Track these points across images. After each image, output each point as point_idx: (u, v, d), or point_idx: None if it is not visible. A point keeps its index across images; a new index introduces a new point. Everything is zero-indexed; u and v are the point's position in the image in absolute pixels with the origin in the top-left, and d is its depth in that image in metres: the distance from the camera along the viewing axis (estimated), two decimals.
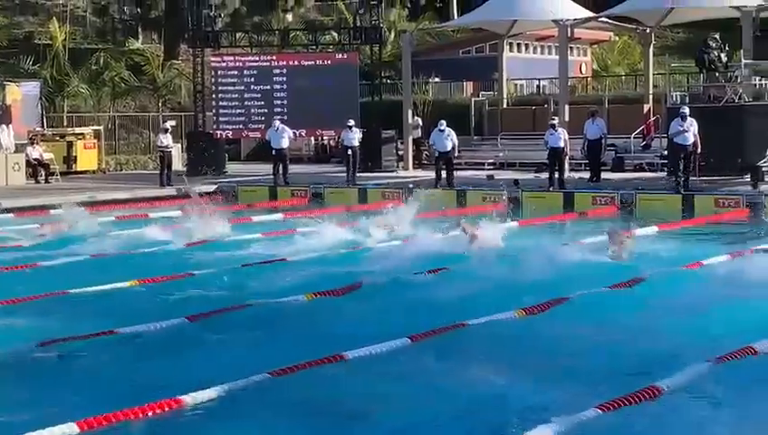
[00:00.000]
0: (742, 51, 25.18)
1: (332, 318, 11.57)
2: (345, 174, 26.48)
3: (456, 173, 25.69)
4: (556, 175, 23.95)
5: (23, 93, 31.70)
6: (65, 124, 34.31)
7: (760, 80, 27.34)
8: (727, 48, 26.10)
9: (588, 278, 13.00)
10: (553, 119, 24.61)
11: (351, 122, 26.72)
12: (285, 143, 26.45)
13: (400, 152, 31.02)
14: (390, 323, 10.94)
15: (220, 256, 15.59)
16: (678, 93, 27.48)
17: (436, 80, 39.24)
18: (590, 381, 8.79)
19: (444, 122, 25.08)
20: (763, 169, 22.74)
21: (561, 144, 23.94)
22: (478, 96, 36.93)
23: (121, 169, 32.79)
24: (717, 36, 26.37)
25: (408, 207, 18.37)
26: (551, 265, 13.81)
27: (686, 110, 22.19)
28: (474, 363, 9.57)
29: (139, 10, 43.31)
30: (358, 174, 26.82)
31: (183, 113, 36.31)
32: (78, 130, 32.24)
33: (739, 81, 24.81)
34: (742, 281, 13.01)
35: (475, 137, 33.46)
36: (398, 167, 30.53)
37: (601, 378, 8.89)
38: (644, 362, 9.49)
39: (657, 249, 15.63)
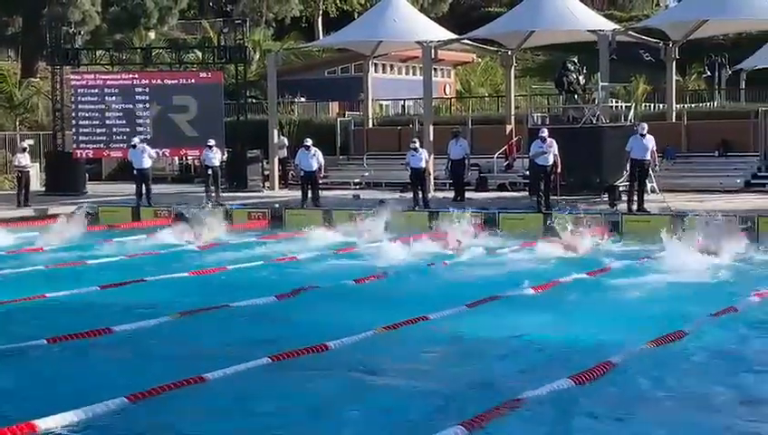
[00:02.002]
0: (599, 73, 25.91)
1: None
2: (205, 194, 26.08)
3: (323, 193, 25.67)
4: (420, 195, 24.15)
5: None
6: None
7: (616, 102, 28.25)
8: (585, 70, 26.83)
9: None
10: (414, 141, 24.81)
11: (212, 142, 26.40)
12: (147, 163, 25.95)
13: (266, 172, 30.82)
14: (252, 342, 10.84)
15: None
16: (539, 114, 28.10)
17: (302, 99, 39.23)
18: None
19: (309, 141, 25.01)
20: (620, 188, 23.39)
21: (423, 165, 24.18)
22: (344, 116, 37.05)
23: None
24: (576, 59, 27.11)
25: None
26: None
27: (545, 132, 22.71)
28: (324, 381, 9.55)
29: None
30: (223, 194, 26.51)
31: (41, 132, 35.29)
32: None
33: (597, 102, 25.51)
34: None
35: (341, 157, 33.53)
36: (264, 187, 30.31)
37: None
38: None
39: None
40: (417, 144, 24.65)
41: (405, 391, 9.13)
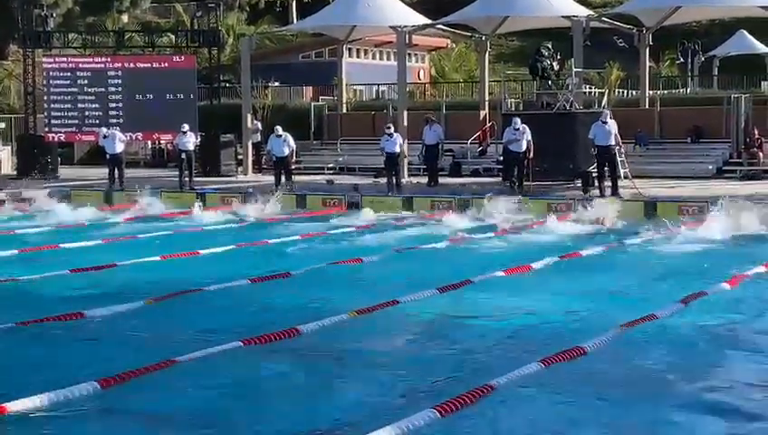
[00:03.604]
0: (573, 59, 25.98)
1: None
2: (178, 178, 25.98)
3: (296, 178, 25.64)
4: (394, 180, 24.19)
5: None
6: None
7: (590, 88, 28.33)
8: (559, 56, 26.89)
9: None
10: (389, 127, 24.80)
11: (186, 127, 26.27)
12: (120, 148, 25.87)
13: (240, 157, 30.73)
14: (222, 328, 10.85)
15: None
16: (513, 100, 28.13)
17: (276, 84, 39.09)
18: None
19: (280, 128, 25.01)
20: (593, 174, 23.50)
21: (397, 149, 24.20)
22: (318, 101, 36.95)
23: None
24: (550, 45, 27.16)
25: None
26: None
27: (518, 120, 22.79)
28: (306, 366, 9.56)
29: None
30: (196, 178, 26.43)
31: (13, 115, 35.02)
32: None
33: (570, 89, 25.58)
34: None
35: (315, 142, 33.46)
36: (237, 171, 30.22)
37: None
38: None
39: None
40: (392, 129, 24.65)
41: None
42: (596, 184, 22.76)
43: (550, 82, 26.60)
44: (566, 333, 10.64)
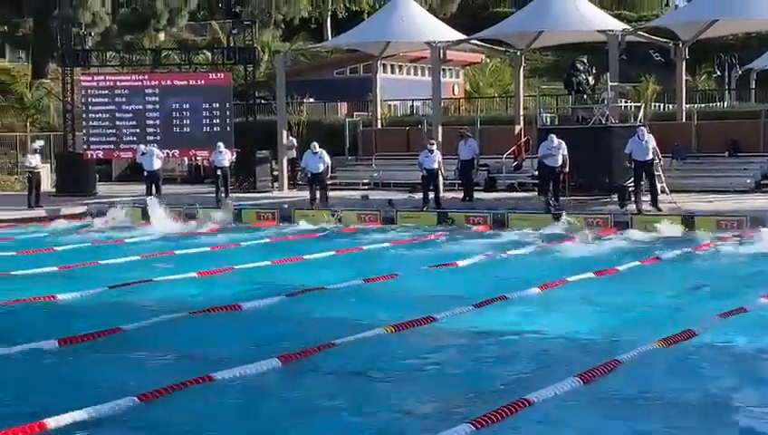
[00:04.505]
0: (608, 74, 25.88)
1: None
2: (215, 194, 26.13)
3: (331, 193, 25.72)
4: (431, 195, 24.11)
5: None
6: None
7: (626, 102, 28.19)
8: (594, 71, 26.80)
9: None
10: (432, 143, 24.84)
11: (221, 145, 26.50)
12: (157, 164, 26.11)
13: (275, 172, 30.87)
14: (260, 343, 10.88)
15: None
16: (548, 115, 28.06)
17: (311, 100, 39.25)
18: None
19: (316, 145, 25.08)
20: (630, 189, 23.38)
21: (435, 166, 24.19)
22: (352, 117, 37.06)
23: None
24: (585, 59, 27.08)
25: None
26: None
27: (554, 136, 22.68)
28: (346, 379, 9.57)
29: (5, 28, 42.12)
30: (232, 194, 26.54)
31: (52, 133, 35.41)
32: None
33: (606, 103, 25.48)
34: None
35: (350, 157, 33.55)
36: (272, 187, 30.36)
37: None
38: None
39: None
40: (434, 146, 24.67)
41: None
42: (632, 198, 22.62)
43: (585, 97, 26.52)
44: (604, 348, 10.58)
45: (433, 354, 10.72)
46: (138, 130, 29.46)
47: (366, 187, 30.47)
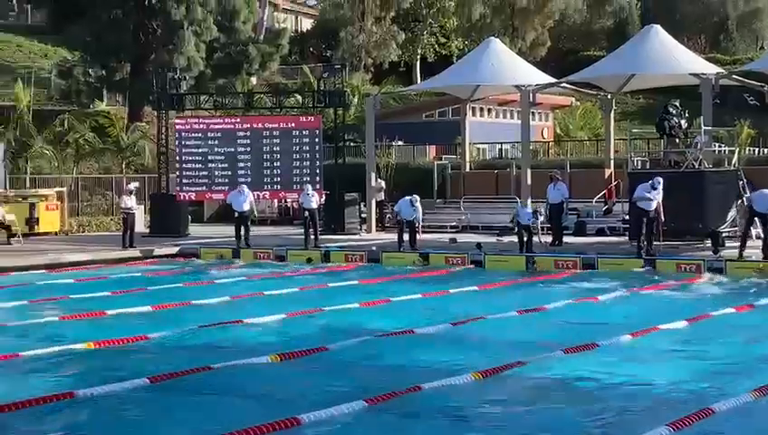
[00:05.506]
0: (702, 117, 25.51)
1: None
2: (304, 236, 26.34)
3: (419, 236, 25.73)
4: (525, 238, 23.85)
5: None
6: (28, 185, 34.07)
7: (719, 146, 27.71)
8: (687, 114, 26.45)
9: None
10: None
11: (309, 186, 26.80)
12: (247, 206, 26.43)
13: (363, 215, 31.03)
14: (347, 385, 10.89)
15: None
16: (639, 159, 27.70)
17: (400, 143, 39.45)
18: None
19: (417, 198, 25.12)
20: (724, 234, 22.92)
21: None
22: (441, 159, 37.14)
23: (84, 231, 32.49)
24: (677, 102, 26.72)
25: None
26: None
27: (661, 180, 22.25)
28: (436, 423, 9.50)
29: (104, 72, 43.31)
30: (321, 236, 26.74)
31: (146, 175, 36.18)
32: (41, 191, 32.02)
33: (699, 147, 25.09)
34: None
35: (438, 200, 33.57)
36: (361, 229, 30.52)
37: None
38: None
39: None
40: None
41: None
42: (722, 243, 22.12)
43: (677, 141, 26.13)
44: (696, 396, 10.34)
45: (520, 400, 10.59)
46: (229, 173, 29.89)
47: (454, 230, 30.43)
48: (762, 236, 21.60)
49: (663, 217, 22.44)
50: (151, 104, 37.28)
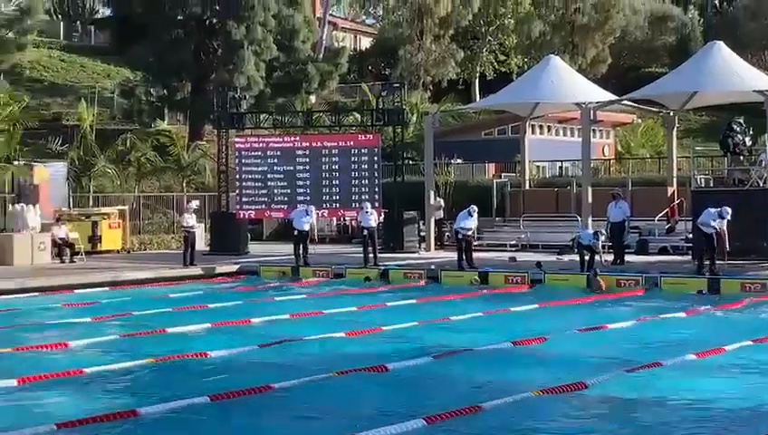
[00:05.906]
0: (766, 135, 25.09)
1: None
2: (363, 254, 26.33)
3: (478, 255, 25.59)
4: (587, 257, 23.60)
5: (50, 174, 31.86)
6: (91, 204, 34.52)
7: None
8: (752, 132, 26.04)
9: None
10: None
11: (367, 204, 26.82)
12: (308, 226, 26.48)
13: (422, 233, 30.95)
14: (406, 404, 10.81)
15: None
16: (702, 177, 27.31)
17: (459, 161, 39.36)
18: None
19: (475, 208, 25.23)
20: None
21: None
22: (500, 177, 36.97)
23: (145, 249, 32.82)
24: (741, 120, 26.32)
25: None
26: None
27: (729, 211, 21.90)
28: None
29: (165, 92, 43.84)
30: (380, 254, 26.70)
31: (207, 193, 36.48)
32: (103, 209, 32.42)
33: (764, 165, 24.66)
34: None
35: (497, 218, 33.39)
36: (420, 248, 30.44)
37: None
38: None
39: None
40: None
41: None
42: None
43: (742, 158, 25.73)
44: (760, 418, 10.14)
45: (581, 420, 10.45)
46: (288, 191, 30.03)
47: (513, 248, 30.24)
48: None
49: (728, 241, 22.04)
50: (211, 123, 37.65)
